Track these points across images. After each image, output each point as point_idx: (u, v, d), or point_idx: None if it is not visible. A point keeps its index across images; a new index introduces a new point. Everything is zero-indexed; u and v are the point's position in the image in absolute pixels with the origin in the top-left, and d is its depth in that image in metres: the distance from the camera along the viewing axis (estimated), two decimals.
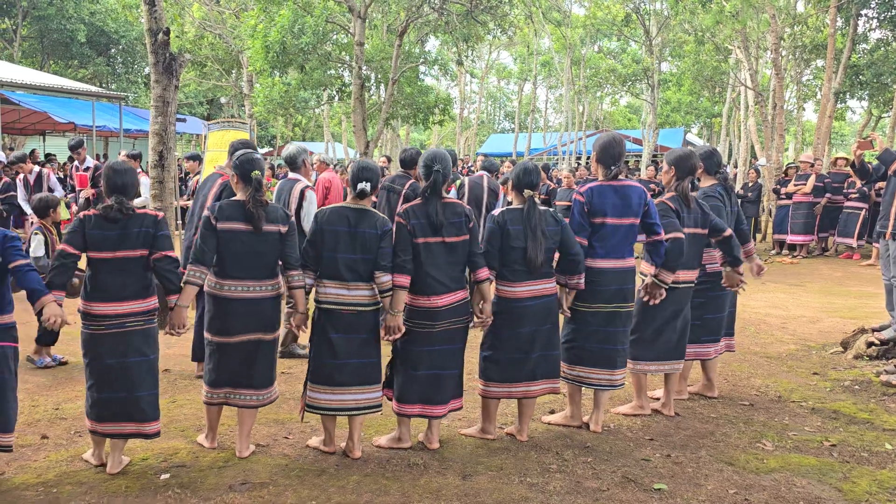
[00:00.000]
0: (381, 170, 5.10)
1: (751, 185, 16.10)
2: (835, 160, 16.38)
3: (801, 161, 16.03)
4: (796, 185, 15.44)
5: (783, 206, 15.72)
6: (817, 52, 24.28)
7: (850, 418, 5.56)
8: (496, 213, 4.91)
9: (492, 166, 9.31)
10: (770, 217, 17.56)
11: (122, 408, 4.39)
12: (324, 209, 4.68)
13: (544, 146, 40.20)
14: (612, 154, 5.11)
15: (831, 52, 18.98)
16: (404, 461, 4.63)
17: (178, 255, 4.54)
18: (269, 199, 4.64)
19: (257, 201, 4.52)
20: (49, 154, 20.79)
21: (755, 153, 25.81)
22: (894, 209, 7.27)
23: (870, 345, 7.15)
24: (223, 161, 8.81)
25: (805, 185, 15.28)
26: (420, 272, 4.67)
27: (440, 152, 4.82)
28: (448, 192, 4.81)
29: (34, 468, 4.51)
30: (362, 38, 16.53)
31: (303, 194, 6.68)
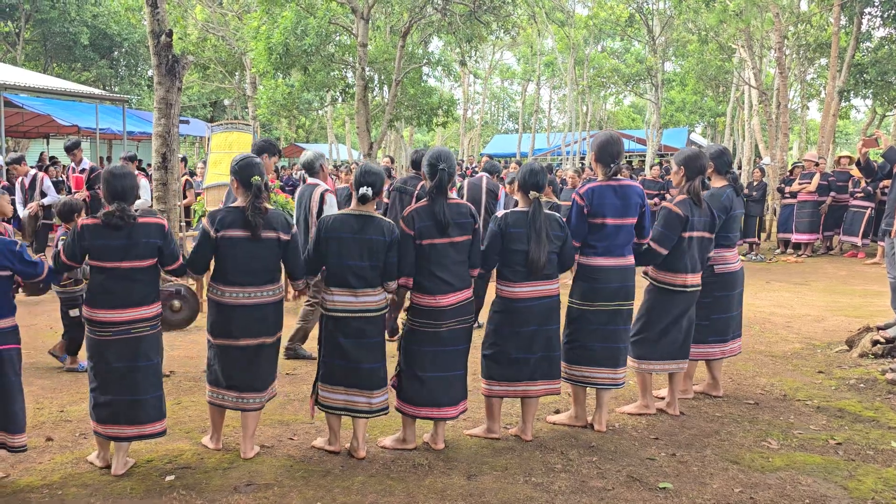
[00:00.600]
0: (387, 170, 5.13)
1: (755, 184, 16.07)
2: (838, 159, 16.36)
3: (805, 160, 16.01)
4: (801, 184, 15.42)
5: (788, 204, 15.70)
6: (821, 50, 24.24)
7: (856, 416, 5.56)
8: (500, 215, 4.91)
9: (493, 168, 9.32)
10: (774, 216, 17.54)
11: (126, 411, 4.41)
12: (327, 216, 4.68)
13: (548, 146, 40.17)
14: (611, 152, 5.11)
15: (835, 50, 18.96)
16: (409, 461, 4.64)
17: (184, 258, 4.66)
18: (269, 206, 4.64)
19: (256, 208, 4.52)
20: (53, 157, 20.84)
21: (759, 152, 25.74)
22: None
23: (875, 343, 7.14)
24: (225, 163, 8.84)
25: (809, 183, 15.26)
26: (426, 273, 4.68)
27: (445, 150, 4.82)
28: (451, 194, 4.81)
29: (39, 470, 4.53)
30: (365, 39, 16.56)
31: (323, 198, 6.80)
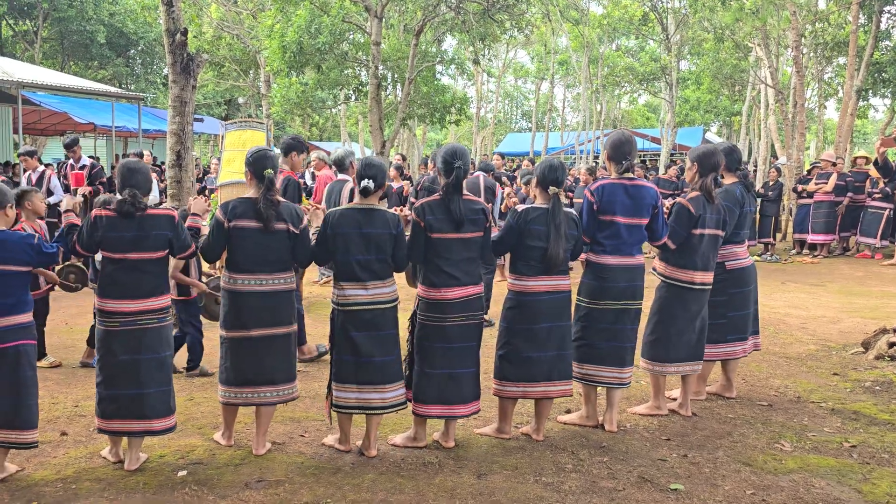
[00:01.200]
0: (398, 167, 5.18)
1: (771, 184, 16.00)
2: (855, 159, 16.27)
3: (822, 159, 15.91)
4: (817, 184, 15.33)
5: (804, 205, 15.61)
6: (839, 49, 24.08)
7: (871, 419, 5.53)
8: (520, 209, 4.91)
9: (487, 167, 9.64)
10: (790, 216, 17.44)
11: (130, 405, 4.43)
12: (332, 212, 4.71)
13: (562, 145, 40.04)
14: (623, 151, 5.13)
15: (853, 49, 18.82)
16: (419, 460, 4.65)
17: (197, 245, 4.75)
18: (281, 199, 4.68)
19: (269, 200, 4.57)
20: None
21: (775, 152, 25.64)
22: None
23: (891, 345, 7.10)
24: (239, 161, 8.87)
25: (826, 183, 15.17)
26: (433, 266, 4.72)
27: (460, 147, 4.85)
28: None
29: (53, 464, 4.56)
30: (379, 37, 16.58)
31: (352, 193, 6.92)
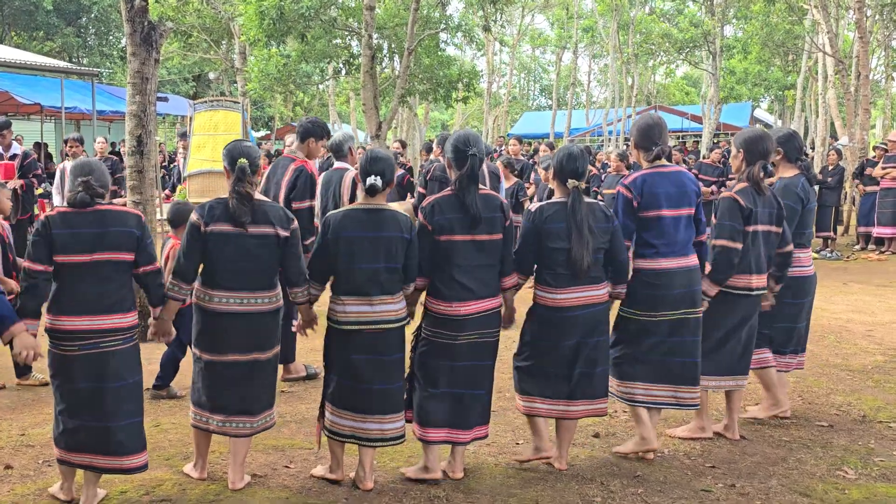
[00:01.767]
0: (395, 156, 5.13)
1: (830, 168, 15.98)
2: None
3: (889, 140, 15.88)
4: (884, 168, 15.30)
5: (869, 193, 15.60)
6: None
7: None
8: (533, 208, 4.92)
9: (486, 150, 9.63)
10: (853, 206, 17.43)
11: (96, 438, 4.38)
12: (334, 213, 4.68)
13: (587, 125, 40.11)
14: (651, 137, 5.14)
15: None
16: (424, 493, 4.65)
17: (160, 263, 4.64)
18: (257, 195, 4.62)
19: (240, 195, 4.50)
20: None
21: (835, 132, 25.59)
22: None
23: None
24: (210, 147, 8.90)
25: (895, 167, 15.14)
26: (443, 275, 4.70)
27: (473, 133, 4.85)
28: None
29: None
30: (373, 1, 16.59)
31: (355, 183, 6.90)
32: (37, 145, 20.84)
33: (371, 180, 4.59)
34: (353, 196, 6.87)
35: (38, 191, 11.87)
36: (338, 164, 7.34)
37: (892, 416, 6.06)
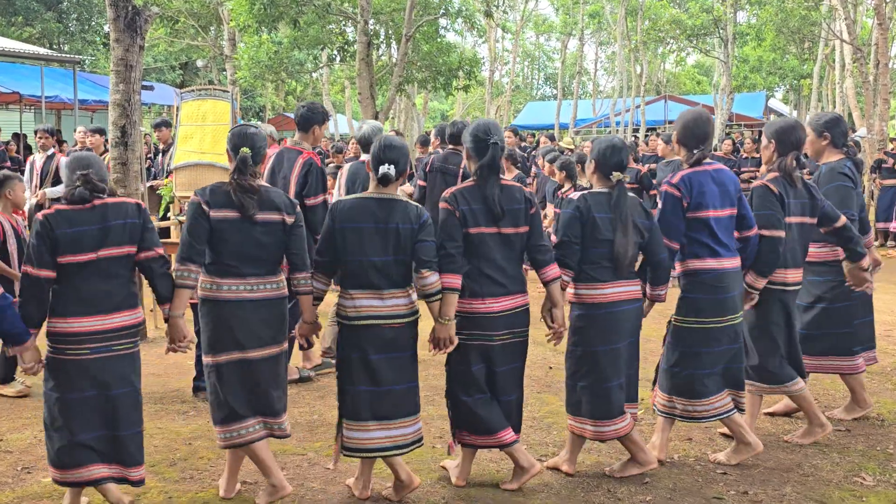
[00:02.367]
0: None
1: None
2: None
3: None
4: None
5: (888, 186, 15.60)
6: None
7: None
8: (575, 197, 4.86)
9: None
10: (872, 201, 17.43)
11: (104, 448, 4.32)
12: (341, 201, 4.62)
13: (594, 116, 40.13)
14: (698, 134, 5.09)
15: None
16: (422, 501, 4.65)
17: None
18: (257, 183, 4.54)
19: (241, 186, 4.44)
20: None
21: (853, 122, 25.61)
22: None
23: None
24: (198, 138, 8.87)
25: None
26: (472, 270, 4.65)
27: (493, 122, 4.82)
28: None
29: None
30: None
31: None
32: (15, 136, 20.82)
33: (384, 169, 4.53)
34: None
35: None
36: (364, 157, 7.38)
37: None
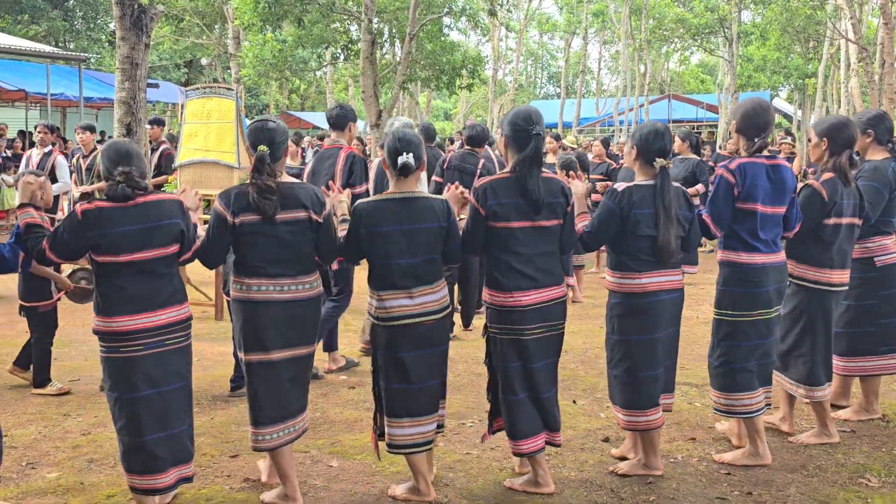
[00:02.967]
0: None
1: None
2: None
3: None
4: None
5: None
6: None
7: None
8: (619, 188, 4.78)
9: (489, 140, 9.78)
10: None
11: (167, 450, 4.27)
12: (364, 202, 4.56)
13: (597, 115, 40.11)
14: (758, 123, 5.04)
15: None
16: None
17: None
18: (273, 182, 4.37)
19: (259, 187, 4.30)
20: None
21: None
22: None
23: None
24: (202, 135, 8.89)
25: None
26: (500, 264, 4.61)
27: (535, 109, 4.71)
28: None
29: None
30: None
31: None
32: (21, 133, 20.85)
33: (403, 158, 4.45)
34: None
35: None
36: None
37: None
